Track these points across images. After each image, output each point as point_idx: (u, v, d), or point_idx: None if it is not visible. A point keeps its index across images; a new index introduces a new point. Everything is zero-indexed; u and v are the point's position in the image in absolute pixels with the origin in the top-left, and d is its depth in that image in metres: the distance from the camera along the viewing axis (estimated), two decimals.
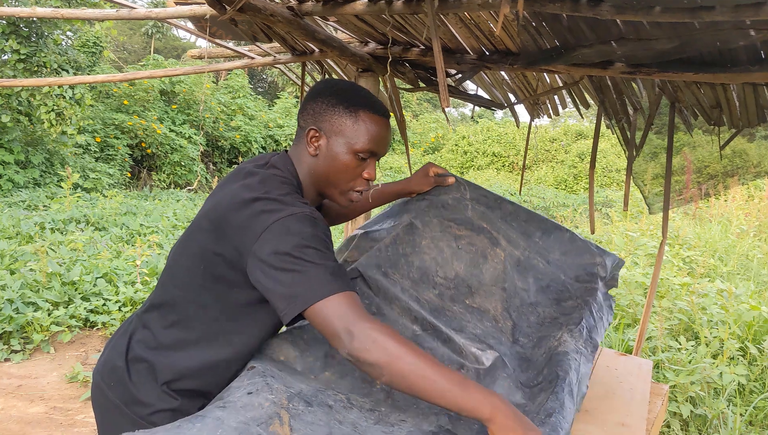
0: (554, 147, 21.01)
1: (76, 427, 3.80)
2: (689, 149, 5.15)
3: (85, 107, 11.39)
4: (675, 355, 4.36)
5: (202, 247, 1.46)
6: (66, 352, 4.79)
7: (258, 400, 1.31)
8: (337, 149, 1.50)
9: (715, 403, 3.99)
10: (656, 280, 2.84)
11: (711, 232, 9.66)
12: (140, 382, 1.52)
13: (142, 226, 8.45)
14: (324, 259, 1.31)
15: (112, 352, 1.60)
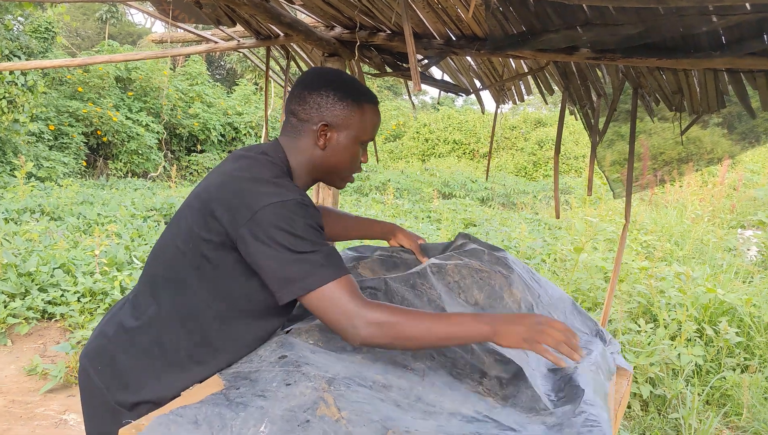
0: (514, 134, 21.20)
1: (36, 420, 3.72)
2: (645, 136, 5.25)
3: (38, 94, 11.09)
4: (635, 337, 4.45)
5: (190, 227, 1.48)
6: (23, 345, 4.68)
7: (298, 389, 1.33)
8: (346, 142, 1.59)
9: (674, 383, 4.09)
10: (619, 263, 2.89)
11: (667, 217, 9.88)
12: (127, 366, 1.53)
13: (99, 216, 8.27)
14: (318, 244, 1.38)
15: (101, 336, 1.61)
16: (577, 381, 1.68)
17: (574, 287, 5.47)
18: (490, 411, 1.51)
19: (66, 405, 3.94)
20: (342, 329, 1.37)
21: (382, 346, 1.39)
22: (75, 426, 3.70)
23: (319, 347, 1.58)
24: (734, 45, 2.03)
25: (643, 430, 3.81)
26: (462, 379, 1.66)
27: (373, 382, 1.47)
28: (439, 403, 1.49)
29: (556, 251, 6.94)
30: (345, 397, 1.34)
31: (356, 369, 1.51)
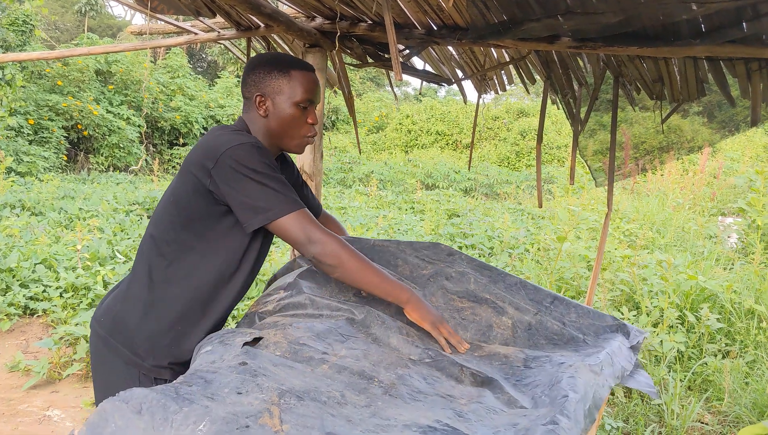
0: (497, 125, 21.24)
1: (19, 417, 3.69)
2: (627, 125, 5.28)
3: (17, 88, 10.95)
4: None
5: (173, 188, 1.81)
6: (5, 341, 4.64)
7: (248, 399, 1.33)
8: (281, 106, 1.82)
9: (657, 369, 4.13)
10: (602, 251, 2.91)
11: (649, 205, 9.95)
12: (130, 311, 1.85)
13: (81, 211, 8.20)
14: (278, 180, 1.67)
15: (109, 304, 1.92)
16: (565, 386, 1.62)
17: (558, 276, 5.51)
18: (455, 418, 1.46)
19: (49, 401, 3.91)
20: (301, 242, 1.67)
21: (327, 265, 1.69)
22: (59, 422, 3.68)
23: (286, 359, 1.56)
24: (713, 33, 2.04)
25: (627, 416, 3.85)
26: (435, 384, 1.64)
27: (328, 397, 1.44)
28: (395, 417, 1.44)
29: (539, 241, 6.97)
30: (292, 410, 1.32)
31: (315, 383, 1.48)
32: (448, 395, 1.60)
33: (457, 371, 1.70)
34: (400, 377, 1.61)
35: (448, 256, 2.17)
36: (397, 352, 1.73)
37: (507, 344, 1.94)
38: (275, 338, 1.62)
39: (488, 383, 1.66)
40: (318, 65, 2.56)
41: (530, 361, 1.82)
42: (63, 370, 4.17)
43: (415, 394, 1.56)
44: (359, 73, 25.88)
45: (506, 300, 2.04)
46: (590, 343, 1.98)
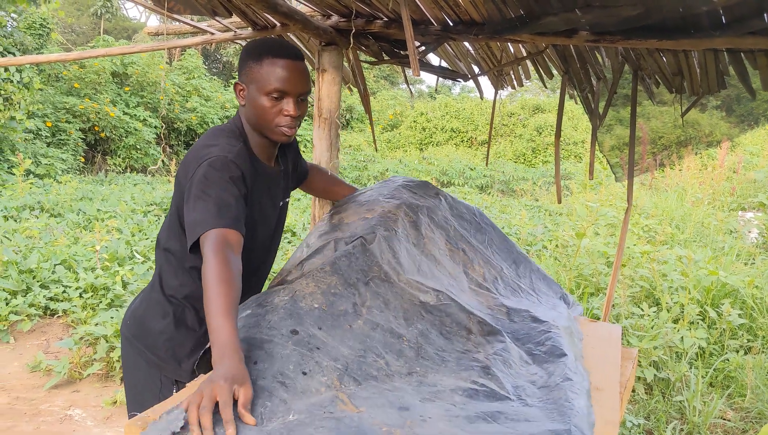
0: (512, 121, 21.14)
1: (41, 416, 3.73)
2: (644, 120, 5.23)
3: (34, 91, 11.04)
4: (638, 321, 4.45)
5: (176, 198, 1.81)
6: (26, 341, 4.68)
7: (314, 384, 1.47)
8: (253, 95, 1.77)
9: (678, 366, 4.09)
10: (623, 246, 2.89)
11: (667, 201, 9.85)
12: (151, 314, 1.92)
13: (99, 212, 8.25)
14: (218, 193, 1.61)
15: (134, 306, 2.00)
16: (558, 343, 1.86)
17: (577, 273, 5.47)
18: (485, 377, 1.64)
19: (70, 400, 3.94)
20: (202, 254, 1.53)
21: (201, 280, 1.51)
22: (80, 421, 3.71)
23: (324, 311, 1.72)
24: (734, 24, 2.01)
25: (648, 413, 3.81)
26: (452, 338, 1.83)
27: (377, 370, 1.61)
28: (439, 382, 1.62)
29: (557, 237, 6.93)
30: (357, 395, 1.49)
31: (359, 348, 1.65)
32: (466, 350, 1.79)
33: (466, 318, 1.88)
34: (422, 334, 1.80)
35: (435, 195, 2.37)
36: (408, 294, 1.91)
37: (481, 288, 2.14)
38: (309, 289, 1.78)
39: (494, 334, 1.85)
40: (334, 63, 2.55)
41: (513, 313, 2.07)
42: (84, 369, 4.20)
43: (440, 352, 1.75)
44: (373, 72, 25.87)
45: (477, 252, 2.25)
46: (542, 303, 2.26)
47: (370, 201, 2.26)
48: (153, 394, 1.90)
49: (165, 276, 1.94)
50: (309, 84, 1.82)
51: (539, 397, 1.60)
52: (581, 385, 1.67)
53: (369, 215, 2.15)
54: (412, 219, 2.17)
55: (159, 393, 1.89)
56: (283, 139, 1.83)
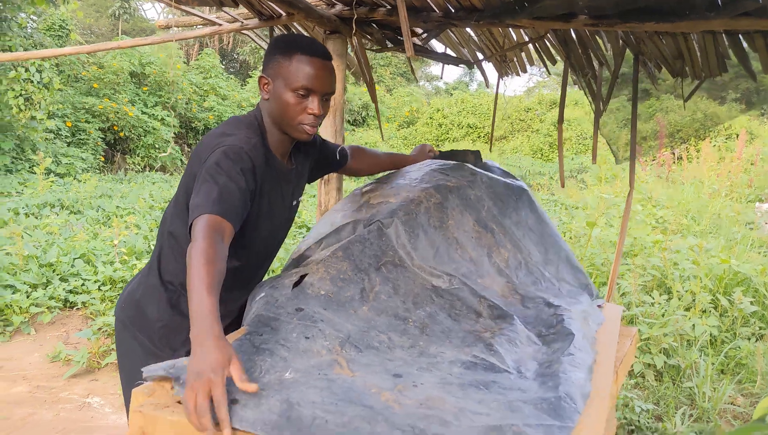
0: (529, 116, 21.09)
1: (61, 404, 3.82)
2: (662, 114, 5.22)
3: (54, 91, 11.22)
4: (648, 309, 4.46)
5: (185, 182, 1.81)
6: (47, 333, 4.79)
7: (315, 346, 1.53)
8: (279, 90, 1.75)
9: (688, 353, 4.09)
10: (625, 227, 2.91)
11: (684, 193, 9.81)
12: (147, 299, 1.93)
13: (118, 208, 8.39)
14: (225, 182, 1.61)
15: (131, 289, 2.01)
16: (568, 324, 1.83)
17: (589, 263, 5.48)
18: (488, 352, 1.65)
19: (89, 389, 4.03)
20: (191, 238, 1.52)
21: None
22: (99, 408, 3.80)
23: (330, 298, 1.76)
24: (729, 5, 2.04)
25: (657, 399, 3.83)
26: (460, 320, 1.84)
27: (379, 342, 1.64)
28: (440, 354, 1.64)
29: (571, 229, 6.94)
30: (356, 361, 1.52)
31: (363, 326, 1.69)
32: (473, 331, 1.79)
33: (476, 302, 1.89)
34: (430, 316, 1.82)
35: (470, 175, 2.29)
36: (420, 278, 1.92)
37: (500, 274, 2.10)
38: (318, 274, 1.82)
39: (503, 318, 1.85)
40: (338, 51, 2.61)
41: (527, 300, 2.03)
42: (102, 359, 4.29)
43: (447, 331, 1.76)
44: (389, 69, 25.91)
45: (507, 235, 2.20)
46: (564, 293, 2.20)
47: (399, 184, 2.25)
48: (135, 360, 1.92)
49: (164, 260, 1.94)
50: (335, 84, 1.82)
51: (538, 372, 1.60)
52: (583, 359, 1.65)
53: (393, 199, 2.14)
54: (439, 201, 2.14)
55: (141, 359, 1.89)
56: (304, 138, 1.82)
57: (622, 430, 3.59)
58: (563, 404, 1.39)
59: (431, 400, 1.37)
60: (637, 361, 4.03)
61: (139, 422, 1.37)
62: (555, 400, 1.39)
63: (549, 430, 1.28)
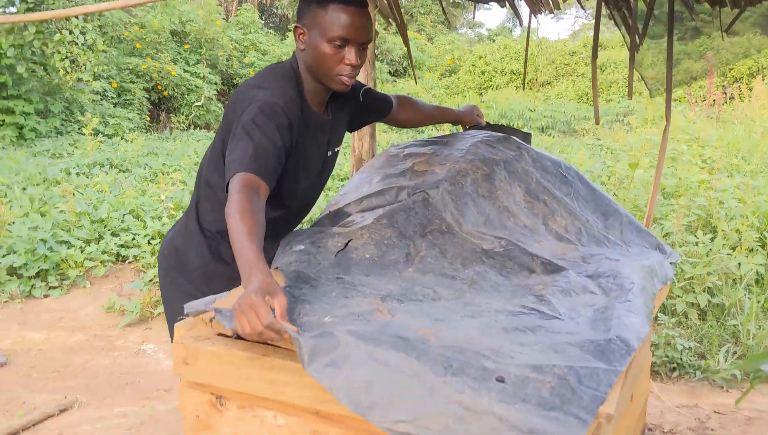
0: (574, 60, 20.57)
1: (117, 351, 4.00)
2: (713, 53, 5.04)
3: (98, 53, 11.40)
4: (692, 248, 4.40)
5: (221, 131, 1.85)
6: (101, 285, 4.99)
7: (355, 301, 1.53)
8: (315, 40, 1.72)
9: (733, 292, 4.05)
10: (662, 162, 2.88)
11: (734, 133, 9.52)
12: (187, 246, 1.99)
13: (164, 166, 8.58)
14: (260, 139, 1.63)
15: (171, 237, 2.08)
16: (629, 275, 1.76)
17: (632, 204, 5.42)
18: (538, 302, 1.60)
19: (143, 336, 4.21)
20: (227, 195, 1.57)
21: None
22: (152, 355, 3.97)
23: (374, 261, 1.74)
24: None
25: (701, 337, 3.81)
26: (511, 276, 1.78)
27: (423, 296, 1.61)
28: (486, 304, 1.59)
29: (615, 172, 6.84)
30: (396, 310, 1.50)
31: (407, 286, 1.65)
32: (524, 285, 1.74)
33: (529, 260, 1.83)
34: (479, 274, 1.76)
35: (516, 149, 2.25)
36: (470, 243, 1.87)
37: (560, 240, 2.02)
38: (362, 239, 1.81)
39: (558, 271, 1.78)
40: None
41: (587, 257, 1.94)
42: (154, 309, 4.46)
43: (496, 285, 1.72)
44: (430, 17, 25.46)
45: (561, 204, 2.13)
46: (631, 253, 2.10)
47: (444, 154, 2.20)
48: (178, 300, 1.97)
49: (202, 208, 1.99)
50: (372, 33, 1.78)
51: (592, 317, 1.54)
52: (640, 307, 1.60)
53: (438, 170, 2.11)
54: (486, 173, 2.10)
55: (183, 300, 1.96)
56: (341, 88, 1.80)
57: (663, 367, 3.60)
58: (613, 347, 1.33)
59: (470, 340, 1.33)
60: (680, 300, 4.01)
61: (181, 353, 1.45)
62: (604, 343, 1.34)
63: (594, 373, 1.22)
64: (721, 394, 3.41)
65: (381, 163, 2.27)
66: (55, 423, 3.14)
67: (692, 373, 3.54)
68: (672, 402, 3.30)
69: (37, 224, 5.32)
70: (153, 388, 3.51)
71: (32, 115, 10.79)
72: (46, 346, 4.05)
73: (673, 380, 3.54)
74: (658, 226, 4.88)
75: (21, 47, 10.36)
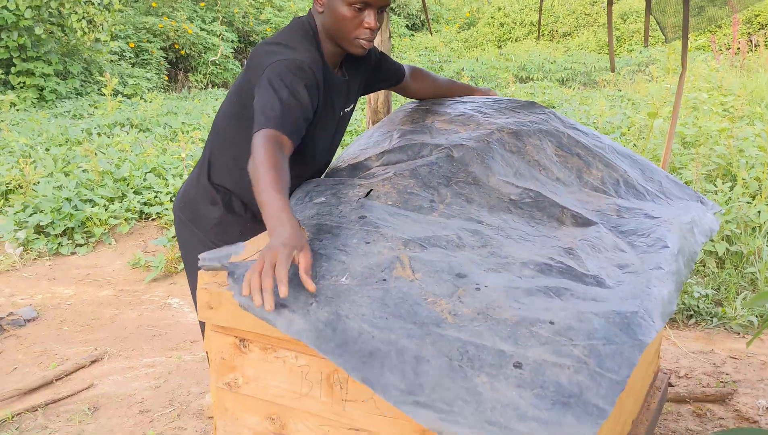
0: (595, 10, 20.15)
1: (144, 305, 4.11)
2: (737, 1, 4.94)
3: (115, 13, 11.39)
4: (711, 197, 4.39)
5: (238, 84, 1.90)
6: (126, 242, 5.10)
7: (377, 248, 1.50)
8: (334, 3, 1.73)
9: (752, 239, 4.05)
10: (677, 109, 2.86)
11: (758, 81, 9.34)
12: (200, 198, 2.04)
13: (184, 124, 8.63)
14: (287, 97, 1.65)
15: (185, 189, 2.12)
16: (664, 236, 1.72)
17: (651, 154, 5.39)
18: (566, 256, 1.56)
19: (168, 291, 4.32)
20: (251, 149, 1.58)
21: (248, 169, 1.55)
22: (178, 308, 4.07)
23: (398, 207, 1.73)
24: None
25: (718, 285, 3.84)
26: (539, 227, 1.76)
27: (447, 241, 1.58)
28: (512, 254, 1.56)
29: (634, 122, 6.78)
30: (419, 258, 1.46)
31: (432, 229, 1.62)
32: (552, 236, 1.71)
33: (558, 212, 1.81)
34: (506, 221, 1.75)
35: (542, 112, 2.25)
36: (497, 193, 1.85)
37: (596, 190, 2.01)
38: (385, 189, 1.80)
39: (588, 225, 1.77)
40: None
41: (623, 211, 1.92)
42: (178, 264, 4.56)
43: (524, 235, 1.69)
44: None
45: (596, 157, 2.11)
46: (672, 205, 2.07)
47: (467, 114, 2.18)
48: (194, 247, 2.06)
49: (214, 161, 2.04)
50: None
51: (620, 280, 1.50)
52: (671, 275, 1.55)
53: (462, 130, 2.09)
54: (513, 130, 2.08)
55: (198, 247, 2.01)
56: (359, 52, 1.81)
57: (680, 315, 3.63)
58: (639, 320, 1.29)
59: (491, 308, 1.30)
60: None
61: (205, 298, 1.52)
62: (631, 315, 1.29)
63: (617, 352, 1.18)
64: (737, 340, 3.44)
65: (400, 119, 2.26)
66: (87, 373, 3.26)
67: (709, 320, 3.57)
68: (688, 348, 3.35)
69: (61, 184, 5.42)
70: (179, 339, 3.62)
71: (52, 77, 10.85)
72: (76, 300, 4.17)
73: (690, 327, 3.58)
74: (677, 175, 4.86)
75: (38, 8, 10.37)
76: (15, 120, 8.77)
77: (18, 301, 4.14)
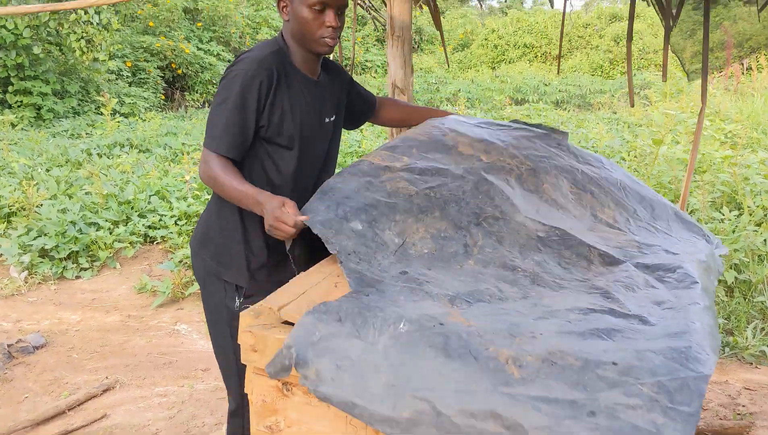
0: (588, 32, 20.36)
1: (152, 331, 4.08)
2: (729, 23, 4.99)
3: (113, 32, 11.40)
4: (718, 225, 4.42)
5: None
6: (131, 266, 5.07)
7: (425, 304, 1.50)
8: (297, 8, 1.89)
9: (760, 268, 4.07)
10: (697, 145, 2.88)
11: (753, 105, 9.45)
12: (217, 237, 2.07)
13: (184, 145, 8.62)
14: (230, 112, 1.86)
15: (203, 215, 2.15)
16: (691, 272, 1.74)
17: (656, 181, 5.43)
18: (605, 300, 1.58)
19: (176, 317, 4.29)
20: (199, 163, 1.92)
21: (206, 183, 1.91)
22: (186, 334, 4.05)
23: (434, 255, 1.74)
24: None
25: (728, 314, 3.85)
26: (571, 268, 1.78)
27: (489, 295, 1.59)
28: (554, 304, 1.57)
29: (635, 147, 6.83)
30: (469, 312, 1.48)
31: (471, 283, 1.64)
32: (585, 279, 1.73)
33: (586, 251, 1.83)
34: (539, 264, 1.76)
35: (557, 146, 2.27)
36: (525, 229, 1.88)
37: (611, 228, 2.03)
38: (419, 234, 1.80)
39: (616, 264, 1.78)
40: None
41: (644, 247, 1.93)
42: (185, 289, 4.54)
43: (558, 280, 1.71)
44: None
45: (609, 195, 2.14)
46: (680, 242, 2.09)
47: (487, 141, 2.20)
48: (220, 299, 2.06)
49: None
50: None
51: (662, 316, 1.51)
52: (707, 310, 1.58)
53: (484, 158, 2.11)
54: (530, 167, 2.12)
55: (225, 298, 2.04)
56: (325, 50, 1.96)
57: None
58: (695, 354, 1.30)
59: (553, 354, 1.28)
60: None
61: (249, 341, 1.50)
62: (686, 350, 1.30)
63: (683, 385, 1.19)
64: (751, 370, 3.45)
65: (424, 132, 2.24)
66: (99, 402, 3.23)
67: (721, 350, 3.58)
68: None
69: (65, 206, 5.40)
70: (191, 367, 3.59)
71: (49, 96, 10.84)
72: (83, 326, 4.14)
73: None
74: (686, 203, 4.89)
75: (37, 28, 10.38)
76: (14, 139, 8.74)
77: (25, 327, 4.10)
